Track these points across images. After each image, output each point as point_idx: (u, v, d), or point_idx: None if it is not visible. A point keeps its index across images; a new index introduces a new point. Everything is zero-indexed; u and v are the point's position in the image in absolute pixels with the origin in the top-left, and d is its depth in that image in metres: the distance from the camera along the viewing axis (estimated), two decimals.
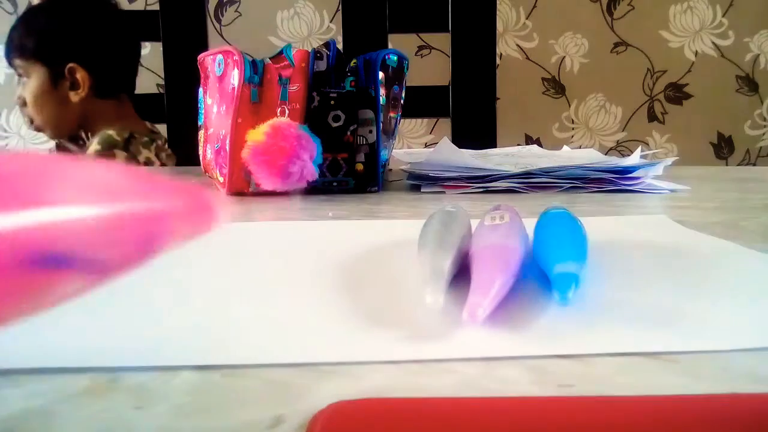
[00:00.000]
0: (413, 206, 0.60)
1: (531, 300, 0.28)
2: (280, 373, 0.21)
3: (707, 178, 0.85)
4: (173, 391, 0.20)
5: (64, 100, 1.34)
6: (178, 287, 0.31)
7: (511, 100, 1.86)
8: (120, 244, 0.15)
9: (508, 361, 0.22)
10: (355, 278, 0.32)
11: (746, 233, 0.44)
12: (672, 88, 1.92)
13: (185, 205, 0.17)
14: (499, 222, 0.32)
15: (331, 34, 1.84)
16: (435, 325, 0.25)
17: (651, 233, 0.44)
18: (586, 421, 0.17)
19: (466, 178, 0.72)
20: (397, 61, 0.74)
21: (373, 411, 0.17)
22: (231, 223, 0.52)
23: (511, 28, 1.88)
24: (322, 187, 0.69)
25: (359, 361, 0.22)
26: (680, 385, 0.20)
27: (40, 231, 0.12)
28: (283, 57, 0.68)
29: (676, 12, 1.89)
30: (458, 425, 0.16)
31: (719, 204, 0.59)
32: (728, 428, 0.16)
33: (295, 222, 0.51)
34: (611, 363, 0.21)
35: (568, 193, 0.68)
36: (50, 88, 1.33)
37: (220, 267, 0.35)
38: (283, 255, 0.38)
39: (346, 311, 0.27)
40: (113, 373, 0.21)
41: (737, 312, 0.26)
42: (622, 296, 0.29)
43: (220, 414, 0.18)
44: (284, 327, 0.25)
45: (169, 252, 0.17)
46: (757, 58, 1.91)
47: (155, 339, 0.24)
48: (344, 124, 0.68)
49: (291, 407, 0.18)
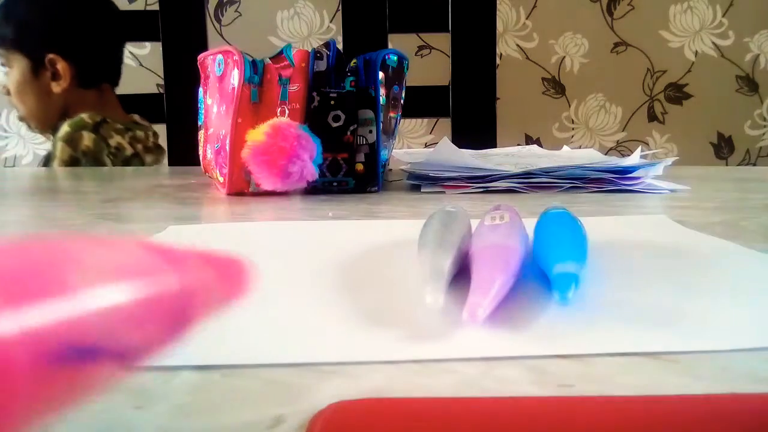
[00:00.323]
0: (413, 206, 0.60)
1: (531, 300, 0.28)
2: (280, 373, 0.21)
3: (707, 178, 0.85)
4: (173, 391, 0.20)
5: (46, 90, 1.32)
6: None
7: (511, 100, 1.86)
8: (149, 327, 0.14)
9: (508, 361, 0.22)
10: (355, 278, 0.32)
11: (746, 233, 0.44)
12: (672, 88, 1.92)
13: (214, 274, 0.17)
14: (499, 222, 0.32)
15: (331, 34, 1.84)
16: (435, 325, 0.25)
17: (651, 233, 0.44)
18: (586, 421, 0.17)
19: (466, 178, 0.72)
20: (397, 61, 0.74)
21: (373, 411, 0.17)
22: (231, 223, 0.52)
23: (511, 28, 1.88)
24: (322, 187, 0.69)
25: (359, 361, 0.22)
26: (680, 385, 0.20)
27: (64, 324, 0.12)
28: (283, 57, 0.68)
29: (676, 12, 1.89)
30: (458, 425, 0.16)
31: (719, 204, 0.59)
32: (728, 428, 0.16)
33: (295, 222, 0.51)
34: (611, 363, 0.21)
35: (568, 193, 0.68)
36: (31, 78, 1.32)
37: None
38: (283, 255, 0.38)
39: (346, 311, 0.27)
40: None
41: (737, 312, 0.26)
42: (622, 296, 0.29)
43: (220, 414, 0.18)
44: (284, 327, 0.25)
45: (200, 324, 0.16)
46: (757, 58, 1.91)
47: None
48: (344, 124, 0.68)
49: (291, 407, 0.18)
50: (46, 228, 0.49)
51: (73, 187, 0.84)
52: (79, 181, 0.93)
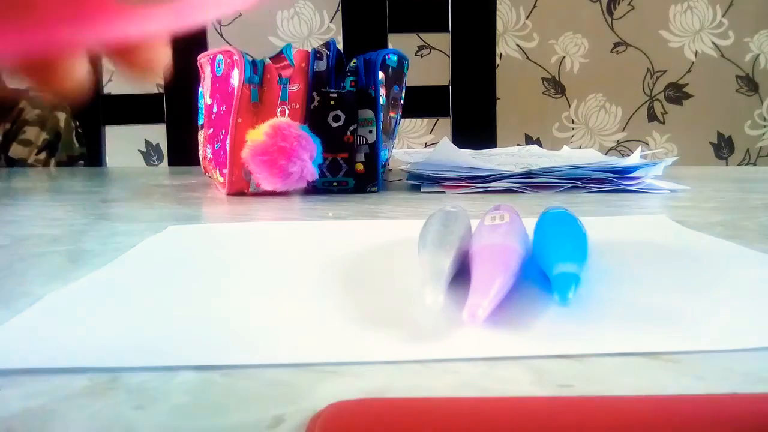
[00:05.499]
0: (413, 206, 0.60)
1: (531, 300, 0.28)
2: (280, 373, 0.21)
3: (707, 178, 0.85)
4: (173, 391, 0.19)
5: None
6: (178, 287, 0.31)
7: (511, 100, 1.86)
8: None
9: (508, 361, 0.22)
10: (355, 278, 0.32)
11: (746, 233, 0.44)
12: (672, 88, 1.91)
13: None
14: (499, 222, 0.32)
15: (331, 34, 1.84)
16: (435, 325, 0.25)
17: (651, 233, 0.44)
18: (586, 421, 0.17)
19: (466, 178, 0.72)
20: (397, 61, 0.74)
21: (373, 411, 0.17)
22: (231, 223, 0.52)
23: (511, 28, 1.88)
24: (322, 187, 0.69)
25: (359, 361, 0.22)
26: (680, 385, 0.20)
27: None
28: (283, 57, 0.68)
29: (676, 12, 1.89)
30: (458, 425, 0.16)
31: (719, 204, 0.59)
32: (728, 428, 0.16)
33: (295, 222, 0.51)
34: (611, 363, 0.21)
35: (568, 193, 0.68)
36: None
37: (220, 267, 0.35)
38: (283, 255, 0.38)
39: (346, 311, 0.27)
40: (113, 373, 0.21)
41: (738, 312, 0.26)
42: (622, 296, 0.29)
43: (220, 414, 0.18)
44: (284, 327, 0.25)
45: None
46: (757, 58, 1.91)
47: (155, 339, 0.24)
48: (344, 124, 0.68)
49: (291, 407, 0.18)
50: (46, 228, 0.49)
51: (72, 187, 0.84)
52: (79, 181, 0.93)
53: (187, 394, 0.19)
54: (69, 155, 1.33)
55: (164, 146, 1.56)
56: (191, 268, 0.35)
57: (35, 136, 1.29)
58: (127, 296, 0.30)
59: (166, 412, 0.18)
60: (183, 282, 0.32)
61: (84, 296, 0.30)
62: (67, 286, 0.31)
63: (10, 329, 0.25)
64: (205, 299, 0.29)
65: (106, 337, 0.24)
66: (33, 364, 0.21)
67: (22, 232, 0.48)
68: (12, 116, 1.32)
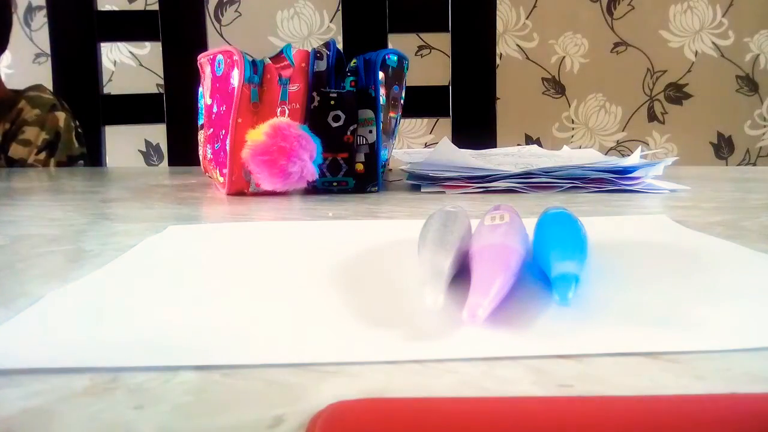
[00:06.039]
0: (413, 206, 0.60)
1: (531, 300, 0.28)
2: (280, 373, 0.21)
3: (707, 178, 0.85)
4: (173, 391, 0.19)
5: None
6: (178, 287, 0.31)
7: (511, 100, 1.86)
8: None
9: (508, 361, 0.22)
10: (355, 278, 0.32)
11: (746, 233, 0.44)
12: (672, 88, 1.92)
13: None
14: (499, 222, 0.32)
15: (331, 34, 1.84)
16: (435, 325, 0.25)
17: (651, 233, 0.44)
18: (586, 421, 0.17)
19: (466, 178, 0.72)
20: (397, 61, 0.74)
21: (373, 411, 0.17)
22: (231, 223, 0.52)
23: (511, 28, 1.88)
24: (322, 187, 0.69)
25: (359, 361, 0.22)
26: (680, 385, 0.20)
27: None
28: (283, 57, 0.68)
29: (676, 12, 1.89)
30: (458, 425, 0.16)
31: (719, 204, 0.59)
32: (728, 428, 0.16)
33: (295, 222, 0.51)
34: (611, 363, 0.21)
35: (568, 193, 0.68)
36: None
37: (220, 267, 0.35)
38: (283, 255, 0.38)
39: (345, 311, 0.27)
40: (113, 373, 0.21)
41: (737, 312, 0.26)
42: (622, 296, 0.29)
43: (220, 414, 0.18)
44: (284, 327, 0.25)
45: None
46: (757, 58, 1.91)
47: (155, 339, 0.24)
48: (344, 124, 0.68)
49: (291, 407, 0.18)
50: (46, 228, 0.49)
51: (72, 187, 0.84)
52: (79, 181, 0.93)
53: (187, 394, 0.19)
54: (69, 155, 1.33)
55: (164, 146, 1.56)
56: (191, 268, 0.35)
57: (35, 136, 1.29)
58: (126, 296, 0.30)
59: (166, 412, 0.18)
60: (183, 282, 0.32)
61: (84, 296, 0.30)
62: (67, 286, 0.31)
63: (9, 329, 0.25)
64: (205, 299, 0.29)
65: (106, 336, 0.24)
66: (33, 364, 0.21)
67: (21, 232, 0.48)
68: (12, 116, 1.32)
